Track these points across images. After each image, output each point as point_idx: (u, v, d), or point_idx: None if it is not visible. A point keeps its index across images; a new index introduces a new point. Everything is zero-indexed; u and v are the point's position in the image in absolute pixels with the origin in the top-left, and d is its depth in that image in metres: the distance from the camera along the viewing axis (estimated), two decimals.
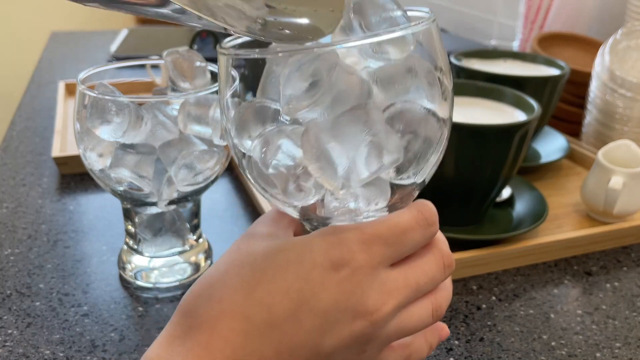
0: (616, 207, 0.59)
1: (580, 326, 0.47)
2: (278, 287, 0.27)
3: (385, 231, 0.28)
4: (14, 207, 0.63)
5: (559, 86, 0.70)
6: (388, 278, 0.28)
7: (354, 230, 0.27)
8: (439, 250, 0.30)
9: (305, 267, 0.27)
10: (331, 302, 0.27)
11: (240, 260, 0.28)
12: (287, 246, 0.28)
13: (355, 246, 0.27)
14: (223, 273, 0.28)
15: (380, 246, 0.27)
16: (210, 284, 0.28)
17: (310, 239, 0.28)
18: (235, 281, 0.27)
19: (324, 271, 0.27)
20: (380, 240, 0.27)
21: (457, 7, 1.57)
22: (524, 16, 1.07)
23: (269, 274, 0.27)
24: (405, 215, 0.28)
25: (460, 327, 0.47)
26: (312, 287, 0.27)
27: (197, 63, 0.48)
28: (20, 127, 0.85)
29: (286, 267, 0.27)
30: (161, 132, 0.44)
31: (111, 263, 0.54)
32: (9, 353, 0.42)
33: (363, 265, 0.27)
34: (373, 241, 0.27)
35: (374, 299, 0.27)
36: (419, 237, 0.29)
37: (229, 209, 0.64)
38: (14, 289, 0.50)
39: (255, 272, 0.27)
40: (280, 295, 0.27)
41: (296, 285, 0.27)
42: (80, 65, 1.17)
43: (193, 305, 0.28)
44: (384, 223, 0.28)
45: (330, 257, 0.27)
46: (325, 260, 0.27)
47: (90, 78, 0.46)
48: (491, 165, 0.53)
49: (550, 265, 0.56)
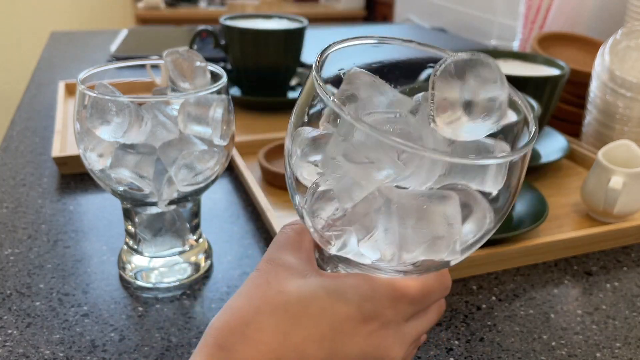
0: (616, 207, 0.59)
1: (580, 326, 0.47)
2: (312, 335, 0.28)
3: (413, 292, 0.30)
4: (14, 207, 0.63)
5: (559, 86, 0.70)
6: (407, 331, 0.31)
7: (387, 288, 0.30)
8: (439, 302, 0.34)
9: (338, 319, 0.29)
10: (359, 353, 0.29)
11: (274, 300, 0.29)
12: (321, 294, 0.29)
13: (386, 302, 0.29)
14: (256, 311, 0.29)
15: (407, 305, 0.30)
16: (245, 321, 0.28)
17: (343, 288, 0.29)
18: (270, 324, 0.28)
19: (355, 324, 0.29)
20: (408, 300, 0.30)
21: (457, 7, 1.57)
22: (524, 16, 1.07)
23: (303, 321, 0.28)
24: (431, 279, 0.31)
25: (460, 327, 0.47)
26: (343, 337, 0.29)
27: (197, 63, 0.48)
28: (20, 127, 0.85)
29: (320, 316, 0.29)
30: (161, 132, 0.44)
31: (111, 263, 0.54)
32: (9, 353, 0.42)
33: (391, 320, 0.30)
34: (401, 299, 0.30)
35: (396, 351, 0.30)
36: (437, 298, 0.32)
37: (229, 209, 0.64)
38: (14, 289, 0.50)
39: (290, 317, 0.28)
40: (314, 344, 0.28)
41: (329, 335, 0.28)
42: (80, 65, 1.17)
43: (229, 341, 0.28)
44: (414, 284, 0.30)
45: (363, 311, 0.29)
46: (357, 313, 0.29)
47: (90, 78, 0.46)
48: None
49: (550, 265, 0.56)
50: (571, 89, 0.85)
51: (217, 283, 0.51)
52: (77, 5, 2.62)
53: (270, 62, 0.93)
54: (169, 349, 0.43)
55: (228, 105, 0.47)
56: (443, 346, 0.44)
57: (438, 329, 0.46)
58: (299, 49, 0.95)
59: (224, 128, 0.46)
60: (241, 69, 0.95)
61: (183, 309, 0.48)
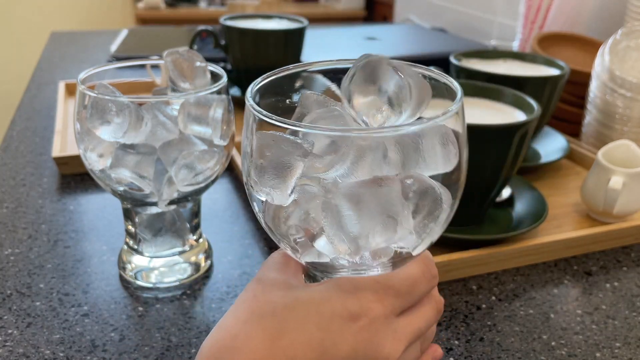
0: (616, 207, 0.59)
1: (580, 326, 0.47)
2: (300, 338, 0.28)
3: (397, 283, 0.30)
4: (14, 207, 0.63)
5: (559, 86, 0.70)
6: (398, 326, 0.30)
7: (370, 282, 0.30)
8: (434, 297, 0.33)
9: (325, 318, 0.29)
10: (350, 351, 0.29)
11: (260, 310, 0.29)
12: (306, 297, 0.29)
13: (371, 297, 0.29)
14: (244, 323, 0.29)
15: (393, 297, 0.30)
16: (234, 334, 0.29)
17: (327, 290, 0.30)
18: (257, 332, 0.28)
19: (342, 321, 0.29)
20: (393, 292, 0.30)
21: (457, 7, 1.57)
22: (524, 16, 1.07)
23: (290, 325, 0.28)
24: (414, 269, 0.31)
25: (460, 327, 0.47)
26: (332, 337, 0.28)
27: (197, 63, 0.48)
28: (20, 127, 0.85)
29: (307, 318, 0.29)
30: (161, 132, 0.44)
31: (111, 263, 0.54)
32: (9, 353, 0.42)
33: (378, 315, 0.29)
34: (387, 292, 0.30)
35: (388, 347, 0.29)
36: (425, 289, 0.32)
37: (229, 209, 0.64)
38: (14, 289, 0.50)
39: (277, 323, 0.29)
40: (303, 346, 0.28)
41: (317, 336, 0.28)
42: (80, 65, 1.17)
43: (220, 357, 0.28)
44: (396, 276, 0.30)
45: (348, 307, 0.29)
46: (343, 311, 0.29)
47: (90, 78, 0.46)
48: (491, 165, 0.53)
49: (550, 265, 0.56)
50: (571, 89, 0.85)
51: (217, 283, 0.51)
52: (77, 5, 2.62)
53: (270, 62, 0.93)
54: (169, 349, 0.43)
55: (228, 105, 0.47)
56: (443, 346, 0.44)
57: (438, 329, 0.46)
58: (299, 49, 0.95)
59: (224, 128, 0.46)
60: (241, 69, 0.95)
61: (183, 309, 0.48)
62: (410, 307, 0.32)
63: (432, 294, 0.34)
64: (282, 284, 0.31)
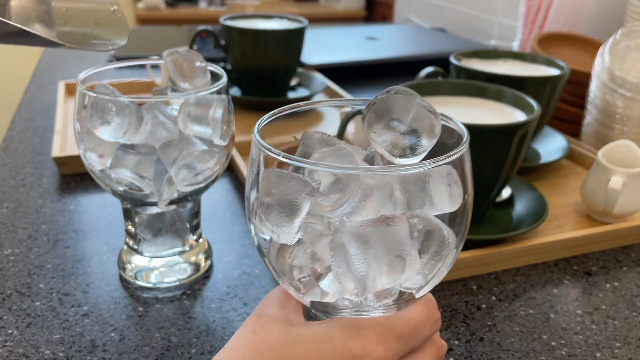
0: (616, 207, 0.59)
1: (580, 326, 0.47)
2: None
3: (400, 326, 0.30)
4: (14, 207, 0.63)
5: (558, 86, 0.70)
6: None
7: (373, 323, 0.29)
8: (435, 343, 0.33)
9: (325, 358, 0.28)
10: None
11: (258, 346, 0.29)
12: (307, 335, 0.29)
13: (374, 339, 0.29)
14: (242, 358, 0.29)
15: (396, 340, 0.29)
16: None
17: (329, 329, 0.29)
18: None
19: None
20: (396, 335, 0.29)
21: (457, 7, 1.57)
22: (524, 16, 1.07)
23: None
24: (417, 312, 0.31)
25: (460, 327, 0.47)
26: None
27: (197, 63, 0.48)
28: (20, 127, 0.85)
29: (307, 357, 0.28)
30: (161, 132, 0.44)
31: (111, 263, 0.54)
32: (9, 353, 0.42)
33: (380, 358, 0.28)
34: (390, 335, 0.29)
35: None
36: (428, 333, 0.31)
37: (229, 209, 0.64)
38: (14, 289, 0.50)
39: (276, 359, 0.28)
40: None
41: None
42: (80, 65, 1.17)
43: None
44: (400, 318, 0.30)
45: (350, 348, 0.28)
46: (345, 352, 0.28)
47: (90, 78, 0.46)
48: (491, 165, 0.53)
49: (550, 265, 0.56)
50: (571, 89, 0.85)
51: (217, 283, 0.51)
52: None
53: (270, 62, 0.93)
54: (169, 349, 0.43)
55: (228, 105, 0.47)
56: None
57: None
58: (299, 49, 0.95)
59: (224, 128, 0.46)
60: (241, 69, 0.95)
61: (183, 309, 0.48)
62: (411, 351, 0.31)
63: (434, 338, 0.33)
64: (282, 319, 0.31)
